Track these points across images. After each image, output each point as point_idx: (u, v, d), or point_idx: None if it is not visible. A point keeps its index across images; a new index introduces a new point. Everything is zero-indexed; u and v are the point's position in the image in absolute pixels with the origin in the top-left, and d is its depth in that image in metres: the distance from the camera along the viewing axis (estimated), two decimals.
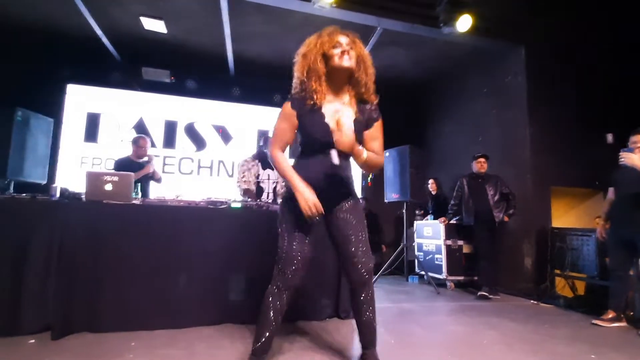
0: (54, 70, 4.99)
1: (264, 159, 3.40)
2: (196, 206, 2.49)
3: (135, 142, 3.76)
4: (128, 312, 2.15)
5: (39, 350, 1.84)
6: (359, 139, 1.53)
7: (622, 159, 2.59)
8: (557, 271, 3.73)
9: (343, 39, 1.52)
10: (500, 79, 4.63)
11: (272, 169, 3.42)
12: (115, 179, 2.32)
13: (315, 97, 1.49)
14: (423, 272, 4.54)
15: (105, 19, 4.34)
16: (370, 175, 6.24)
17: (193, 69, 5.51)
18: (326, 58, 1.50)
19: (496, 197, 3.88)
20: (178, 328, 2.20)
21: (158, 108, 5.51)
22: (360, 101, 1.59)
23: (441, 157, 5.77)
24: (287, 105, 1.54)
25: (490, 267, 3.84)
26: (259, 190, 3.35)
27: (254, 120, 5.90)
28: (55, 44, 4.88)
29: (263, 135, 3.52)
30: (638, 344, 2.42)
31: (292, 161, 1.62)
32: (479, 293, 3.73)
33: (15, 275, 2.02)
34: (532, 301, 3.66)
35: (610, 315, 2.82)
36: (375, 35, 4.42)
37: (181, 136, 5.61)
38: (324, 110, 1.53)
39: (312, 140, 1.54)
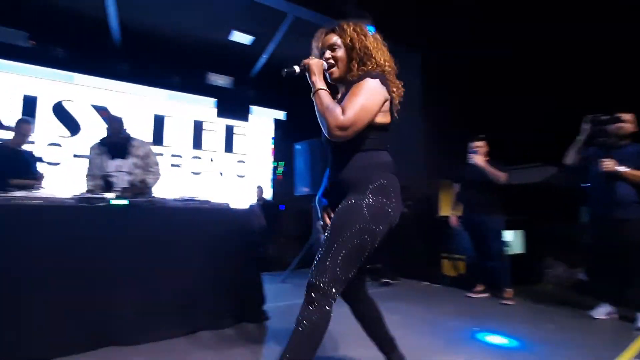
0: None
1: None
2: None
3: (16, 126, 3.13)
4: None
5: None
6: None
7: (471, 159, 3.29)
8: (444, 254, 4.23)
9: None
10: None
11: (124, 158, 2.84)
12: None
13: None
14: None
15: None
16: (281, 169, 6.11)
17: (62, 34, 4.47)
18: None
19: None
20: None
21: (13, 79, 4.31)
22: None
23: None
24: (378, 82, 1.28)
25: (391, 255, 4.12)
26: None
27: (147, 104, 5.15)
28: None
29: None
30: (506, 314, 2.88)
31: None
32: (382, 280, 4.00)
33: None
34: (424, 282, 4.10)
35: (478, 289, 3.44)
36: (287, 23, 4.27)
37: (45, 116, 4.51)
38: None
39: (387, 130, 1.41)
